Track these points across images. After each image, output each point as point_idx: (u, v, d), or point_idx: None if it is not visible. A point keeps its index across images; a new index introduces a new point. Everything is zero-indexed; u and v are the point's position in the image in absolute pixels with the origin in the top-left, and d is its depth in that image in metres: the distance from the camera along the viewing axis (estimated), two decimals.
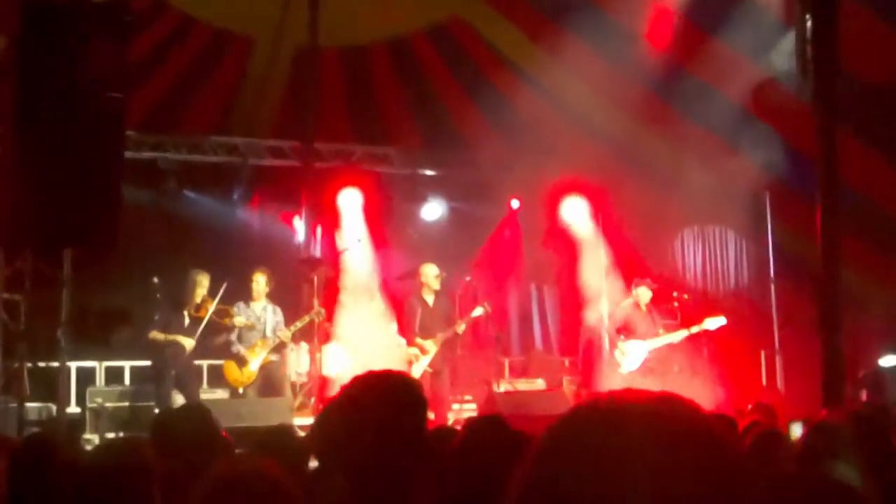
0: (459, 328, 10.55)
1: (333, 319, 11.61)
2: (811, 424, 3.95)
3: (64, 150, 6.76)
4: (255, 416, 8.95)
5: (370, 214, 13.33)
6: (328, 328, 11.40)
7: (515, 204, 13.95)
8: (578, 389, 11.89)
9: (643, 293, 11.02)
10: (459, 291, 11.38)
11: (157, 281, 10.49)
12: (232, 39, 13.12)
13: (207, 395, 10.73)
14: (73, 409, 10.44)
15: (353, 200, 13.27)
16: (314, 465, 4.25)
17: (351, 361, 11.17)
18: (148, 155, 12.81)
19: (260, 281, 10.44)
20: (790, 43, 9.24)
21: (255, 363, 10.21)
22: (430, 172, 14.30)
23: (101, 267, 10.03)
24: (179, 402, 9.33)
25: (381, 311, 12.05)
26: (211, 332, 10.21)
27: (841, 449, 3.05)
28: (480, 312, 10.63)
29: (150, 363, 10.29)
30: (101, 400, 10.26)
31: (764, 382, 12.66)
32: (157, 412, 8.76)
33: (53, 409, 9.65)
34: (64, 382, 9.48)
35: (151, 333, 9.95)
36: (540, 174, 12.49)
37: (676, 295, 11.26)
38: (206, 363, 11.24)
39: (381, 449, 2.35)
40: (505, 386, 11.56)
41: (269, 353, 10.30)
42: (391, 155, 14.06)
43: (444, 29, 13.29)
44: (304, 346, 11.35)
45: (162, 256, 11.76)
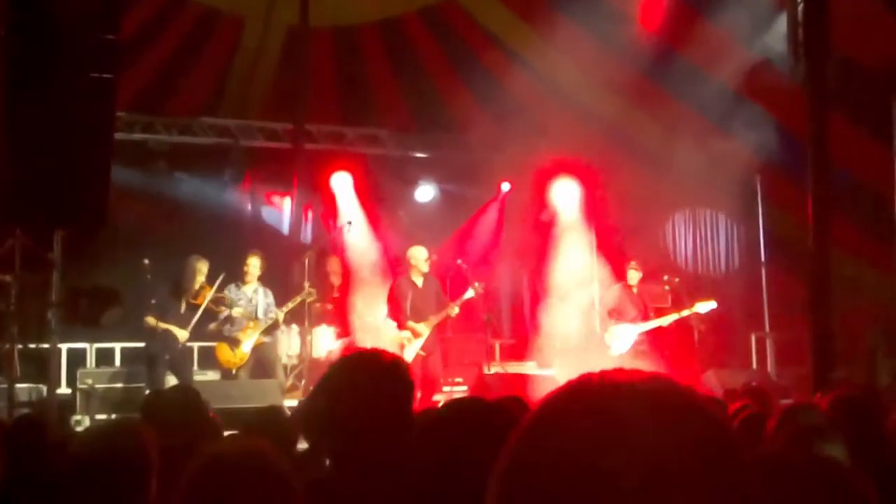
0: (453, 311, 10.45)
1: (330, 300, 11.66)
2: (793, 406, 3.99)
3: (54, 131, 6.73)
4: (245, 397, 8.98)
5: (361, 196, 13.32)
6: (321, 309, 11.41)
7: (506, 187, 13.93)
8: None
9: (632, 275, 11.02)
10: (451, 274, 11.36)
11: (147, 262, 10.53)
12: (221, 19, 13.05)
13: (199, 376, 10.75)
14: (63, 390, 10.43)
15: (344, 182, 13.28)
16: (303, 445, 4.27)
17: (348, 341, 11.26)
18: (139, 136, 12.77)
19: (255, 264, 10.44)
20: (784, 25, 9.24)
21: (247, 345, 10.24)
22: (421, 154, 14.27)
23: (91, 248, 10.01)
24: (172, 384, 9.34)
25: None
26: (206, 318, 10.22)
27: (826, 430, 3.07)
28: (472, 294, 10.57)
29: (141, 345, 10.28)
30: (91, 381, 10.24)
31: (754, 365, 12.70)
32: (147, 393, 8.75)
33: (44, 390, 9.63)
34: (54, 363, 9.46)
35: (147, 318, 9.93)
36: (531, 156, 12.48)
37: (667, 278, 11.25)
38: (196, 345, 11.23)
39: (364, 429, 2.35)
40: (495, 368, 11.54)
41: (261, 334, 10.33)
42: (383, 137, 14.02)
43: (435, 10, 13.24)
44: (294, 328, 11.36)
45: (152, 238, 11.76)
